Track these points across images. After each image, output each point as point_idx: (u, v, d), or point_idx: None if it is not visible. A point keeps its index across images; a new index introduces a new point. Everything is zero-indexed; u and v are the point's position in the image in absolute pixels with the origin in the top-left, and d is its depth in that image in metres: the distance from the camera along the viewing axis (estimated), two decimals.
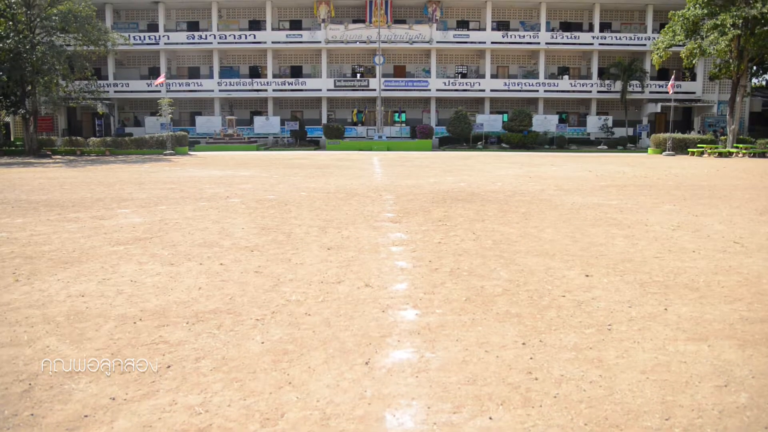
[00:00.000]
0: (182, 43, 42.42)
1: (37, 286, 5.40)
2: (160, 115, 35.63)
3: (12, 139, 40.64)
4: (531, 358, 3.69)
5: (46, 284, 5.45)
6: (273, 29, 42.78)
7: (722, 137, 34.08)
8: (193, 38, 42.37)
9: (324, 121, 42.08)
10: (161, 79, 33.88)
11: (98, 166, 22.20)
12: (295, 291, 5.21)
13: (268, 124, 40.82)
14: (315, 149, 36.85)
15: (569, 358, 3.69)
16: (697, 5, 30.45)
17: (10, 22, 30.45)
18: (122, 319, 4.45)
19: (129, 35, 38.50)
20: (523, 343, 3.95)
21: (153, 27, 43.65)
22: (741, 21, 28.99)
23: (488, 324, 4.34)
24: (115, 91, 41.62)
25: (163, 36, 41.92)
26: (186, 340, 4.00)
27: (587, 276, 5.75)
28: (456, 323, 4.35)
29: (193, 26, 44.60)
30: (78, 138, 34.60)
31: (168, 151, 31.29)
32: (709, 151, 30.51)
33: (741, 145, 30.96)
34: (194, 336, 4.08)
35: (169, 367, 3.55)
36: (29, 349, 3.84)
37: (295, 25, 44.54)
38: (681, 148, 32.26)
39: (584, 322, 4.40)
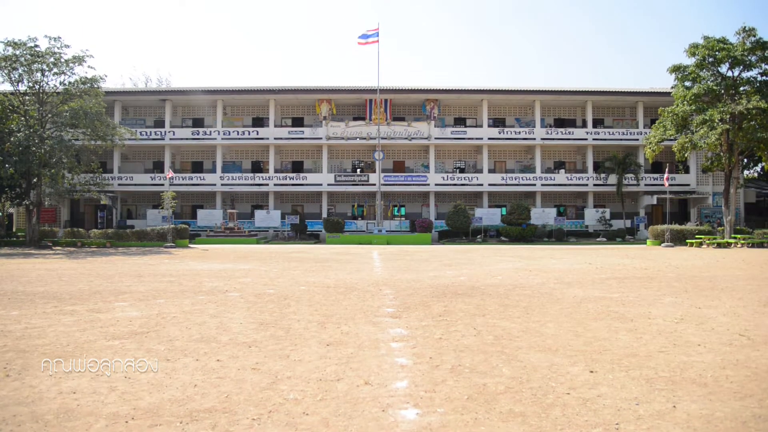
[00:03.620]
0: (187, 139, 43.67)
1: (27, 381, 5.27)
2: (163, 208, 36.10)
3: (14, 229, 40.99)
4: None
5: (37, 380, 5.32)
6: (276, 126, 44.13)
7: (719, 228, 34.37)
8: (198, 134, 43.64)
9: (324, 215, 42.55)
10: (169, 173, 34.67)
11: (98, 258, 22.21)
12: (293, 389, 5.08)
13: (268, 217, 41.22)
14: (315, 243, 36.99)
15: None
16: (685, 102, 31.59)
17: (23, 118, 31.51)
18: (114, 417, 4.31)
19: (136, 130, 39.71)
20: None
21: (159, 123, 45.07)
22: (728, 116, 29.98)
23: (491, 424, 4.20)
24: (119, 184, 42.37)
25: (169, 132, 43.19)
26: None
27: (592, 372, 5.63)
28: (458, 423, 4.21)
29: (198, 122, 46.07)
30: (80, 229, 34.87)
31: (169, 244, 31.43)
32: (708, 242, 30.65)
33: (739, 236, 31.15)
34: None
35: None
36: None
37: (297, 122, 46.02)
38: (679, 239, 32.42)
39: (591, 420, 4.25)
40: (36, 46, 31.33)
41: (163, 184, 39.87)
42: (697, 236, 32.00)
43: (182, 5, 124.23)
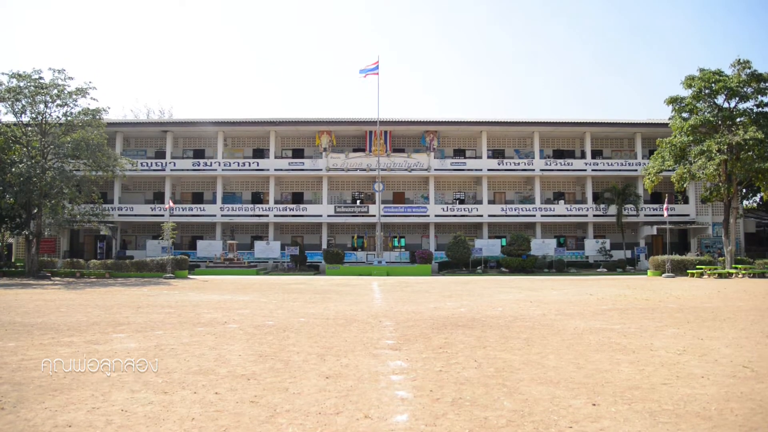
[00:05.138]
0: (188, 170, 43.84)
1: (22, 415, 5.20)
2: (162, 239, 36.05)
3: (13, 259, 40.91)
4: None
5: (33, 413, 5.25)
6: (276, 157, 44.37)
7: (720, 258, 34.29)
8: (199, 165, 43.83)
9: (324, 246, 42.50)
10: (169, 204, 34.76)
11: (97, 289, 22.09)
12: (292, 423, 5.01)
13: (268, 248, 41.17)
14: (315, 274, 36.86)
15: None
16: (683, 133, 31.84)
17: (25, 148, 31.67)
18: None
19: (137, 161, 39.90)
20: None
21: (160, 154, 45.34)
22: (726, 147, 30.17)
23: None
24: (120, 215, 42.40)
25: (170, 163, 43.39)
26: None
27: (594, 405, 5.56)
28: None
29: (199, 153, 46.33)
30: (79, 260, 34.80)
31: (168, 275, 31.31)
32: (709, 272, 30.54)
33: (740, 266, 31.07)
34: None
35: None
36: None
37: (298, 153, 46.29)
38: (680, 269, 32.31)
39: None
40: (40, 78, 31.65)
41: (163, 215, 39.91)
42: (698, 266, 31.91)
43: (184, 37, 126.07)
